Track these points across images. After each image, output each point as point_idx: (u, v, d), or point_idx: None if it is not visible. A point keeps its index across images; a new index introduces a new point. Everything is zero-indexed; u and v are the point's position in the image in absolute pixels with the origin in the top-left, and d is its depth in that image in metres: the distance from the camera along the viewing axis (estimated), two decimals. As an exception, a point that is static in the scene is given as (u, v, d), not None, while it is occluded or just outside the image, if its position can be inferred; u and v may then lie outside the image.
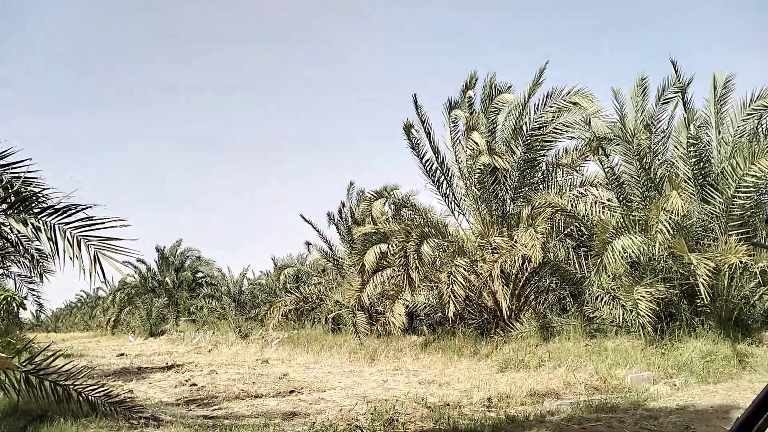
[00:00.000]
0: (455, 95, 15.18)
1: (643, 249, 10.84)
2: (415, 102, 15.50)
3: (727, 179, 10.74)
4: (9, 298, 9.70)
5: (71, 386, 7.12)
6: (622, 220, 11.30)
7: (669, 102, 12.40)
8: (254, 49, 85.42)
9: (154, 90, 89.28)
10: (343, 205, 20.81)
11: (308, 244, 23.20)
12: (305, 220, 21.95)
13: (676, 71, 11.94)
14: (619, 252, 10.56)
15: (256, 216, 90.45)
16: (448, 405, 8.24)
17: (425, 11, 66.74)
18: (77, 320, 55.10)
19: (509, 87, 14.37)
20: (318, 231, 21.86)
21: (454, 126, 15.27)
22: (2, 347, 5.47)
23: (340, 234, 20.96)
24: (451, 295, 12.64)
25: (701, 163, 11.70)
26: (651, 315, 10.04)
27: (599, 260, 10.99)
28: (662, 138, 12.66)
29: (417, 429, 6.59)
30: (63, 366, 7.37)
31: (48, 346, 9.07)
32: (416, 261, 13.29)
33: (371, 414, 7.62)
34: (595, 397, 8.19)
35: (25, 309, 13.91)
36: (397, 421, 7.22)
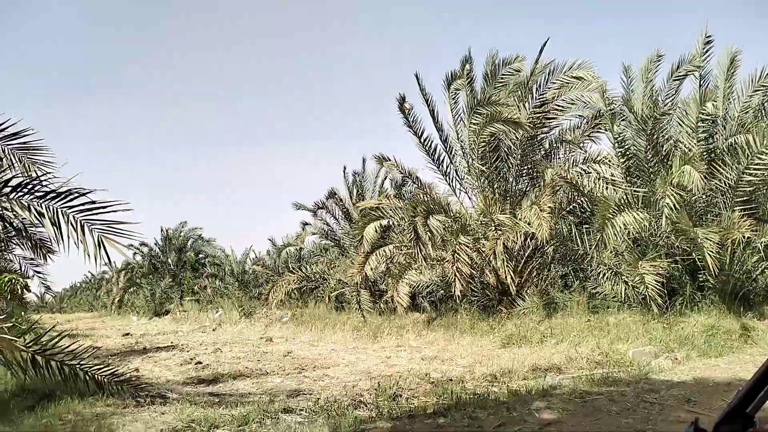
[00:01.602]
0: (455, 71, 15.03)
1: (646, 225, 10.82)
2: (418, 79, 15.40)
3: (738, 155, 10.67)
4: (13, 281, 9.74)
5: (77, 366, 7.18)
6: (625, 196, 11.26)
7: (680, 79, 12.33)
8: (256, 36, 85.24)
9: (159, 78, 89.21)
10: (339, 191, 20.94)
11: (304, 224, 23.33)
12: (298, 207, 22.11)
13: (707, 40, 11.92)
14: (620, 228, 10.54)
15: (263, 200, 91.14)
16: (451, 380, 8.32)
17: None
18: (82, 301, 55.50)
19: (516, 58, 14.19)
20: (315, 213, 21.97)
21: (454, 103, 15.13)
22: (7, 329, 5.51)
23: (335, 217, 21.19)
24: (457, 273, 12.67)
25: (709, 139, 11.65)
26: (658, 287, 10.07)
27: (600, 236, 10.99)
28: (669, 114, 12.58)
29: (420, 404, 6.65)
30: (68, 346, 7.43)
31: (53, 327, 9.15)
32: (426, 233, 13.34)
33: (375, 390, 7.70)
34: (597, 371, 8.25)
35: (29, 291, 13.99)
36: (401, 396, 7.29)
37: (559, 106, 13.89)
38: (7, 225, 7.67)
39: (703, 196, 11.40)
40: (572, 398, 6.09)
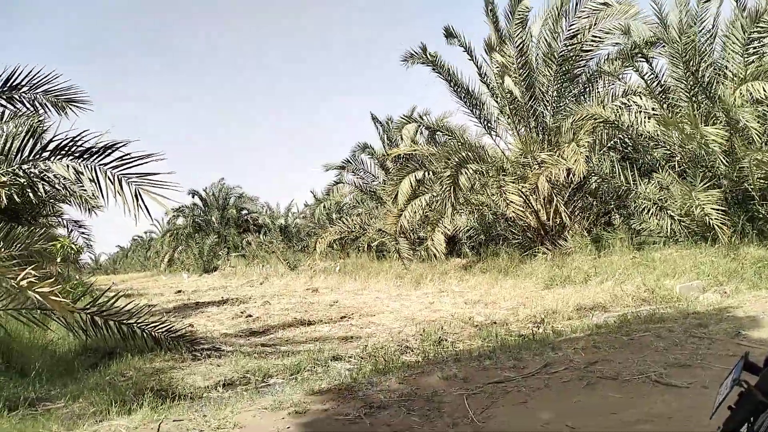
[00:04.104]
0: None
1: (726, 139, 10.37)
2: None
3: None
4: (65, 246, 10.14)
5: (135, 324, 7.52)
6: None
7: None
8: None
9: (194, 39, 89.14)
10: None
11: (338, 179, 23.57)
12: (328, 168, 22.42)
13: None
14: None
15: (303, 153, 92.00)
16: (495, 323, 8.39)
17: None
18: (134, 261, 57.58)
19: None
20: (350, 169, 22.12)
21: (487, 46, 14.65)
22: (64, 294, 5.79)
23: (368, 172, 21.33)
24: (511, 205, 13.37)
25: (753, 62, 11.03)
26: (721, 215, 9.82)
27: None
28: (708, 39, 11.94)
29: (465, 347, 6.75)
30: (125, 306, 7.77)
31: (109, 288, 9.55)
32: (465, 177, 13.44)
33: (420, 335, 7.83)
34: (643, 308, 8.18)
35: (81, 254, 14.58)
36: (446, 340, 7.41)
37: (596, 36, 13.31)
38: (51, 186, 7.97)
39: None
40: (618, 336, 6.06)
